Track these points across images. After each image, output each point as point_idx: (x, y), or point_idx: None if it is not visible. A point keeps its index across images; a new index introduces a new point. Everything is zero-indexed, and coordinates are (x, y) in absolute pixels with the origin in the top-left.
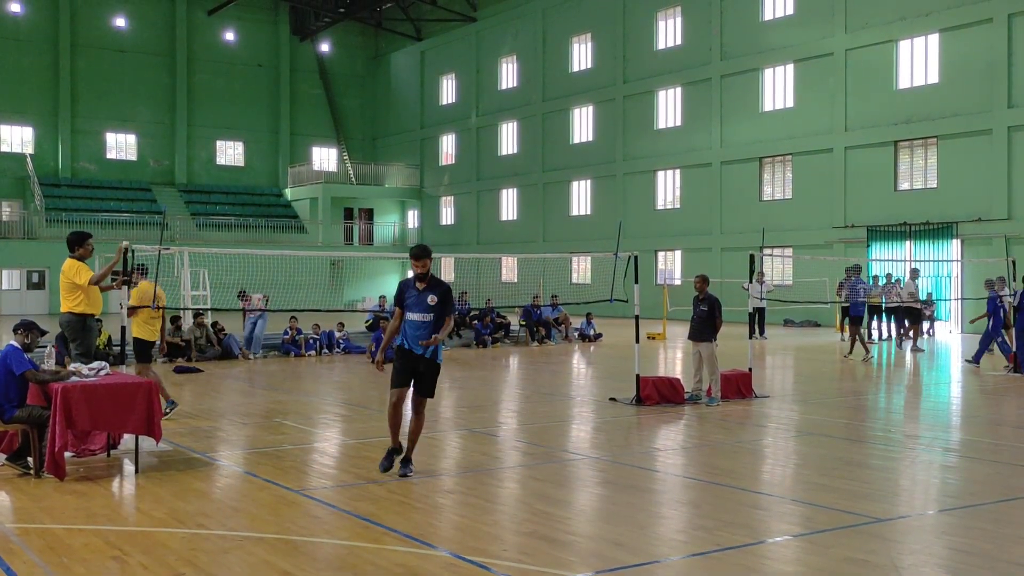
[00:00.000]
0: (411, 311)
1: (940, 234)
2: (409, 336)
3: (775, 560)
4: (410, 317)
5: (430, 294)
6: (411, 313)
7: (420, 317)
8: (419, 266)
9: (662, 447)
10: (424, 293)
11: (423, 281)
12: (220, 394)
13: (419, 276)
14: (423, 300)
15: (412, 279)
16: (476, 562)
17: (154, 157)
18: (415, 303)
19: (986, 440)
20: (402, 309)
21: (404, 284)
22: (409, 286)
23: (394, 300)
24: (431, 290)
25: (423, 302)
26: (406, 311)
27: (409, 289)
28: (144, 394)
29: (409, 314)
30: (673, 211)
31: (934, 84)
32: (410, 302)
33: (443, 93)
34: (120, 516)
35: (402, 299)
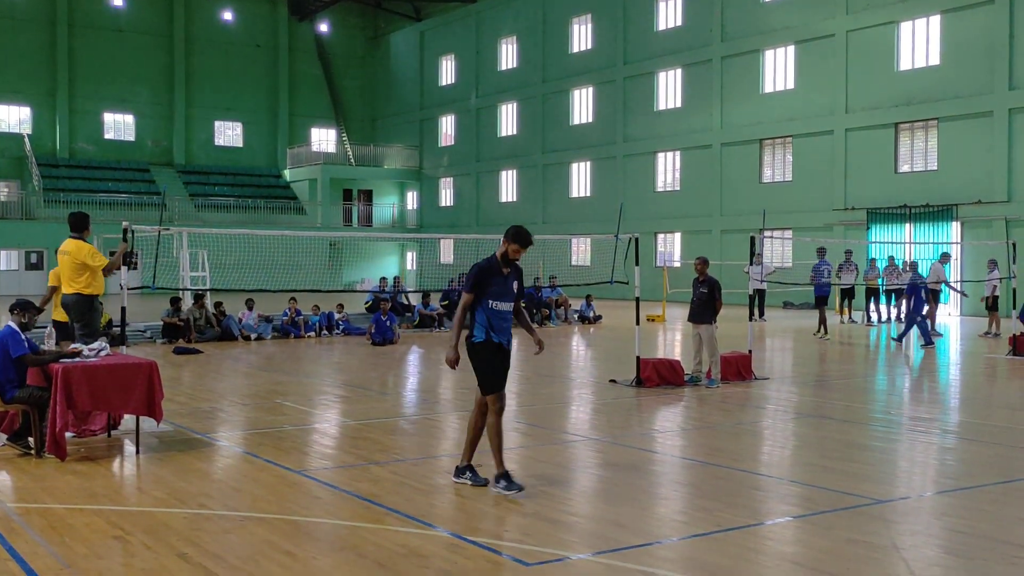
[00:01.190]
0: (500, 300)
1: (940, 216)
2: (498, 329)
3: (776, 541)
4: (498, 307)
5: (514, 280)
6: (499, 303)
7: (508, 306)
8: (522, 252)
9: (662, 429)
10: (510, 279)
11: (508, 266)
12: (220, 375)
13: (510, 260)
14: (510, 287)
15: (495, 263)
16: (477, 542)
17: (152, 138)
18: (504, 291)
19: (985, 422)
20: (479, 298)
21: (487, 269)
22: (494, 271)
23: (469, 286)
24: (515, 275)
25: (510, 289)
26: (490, 300)
27: (495, 275)
28: (145, 375)
29: (497, 303)
30: (673, 193)
31: (935, 66)
32: (498, 290)
33: (443, 74)
34: (121, 496)
35: (485, 286)
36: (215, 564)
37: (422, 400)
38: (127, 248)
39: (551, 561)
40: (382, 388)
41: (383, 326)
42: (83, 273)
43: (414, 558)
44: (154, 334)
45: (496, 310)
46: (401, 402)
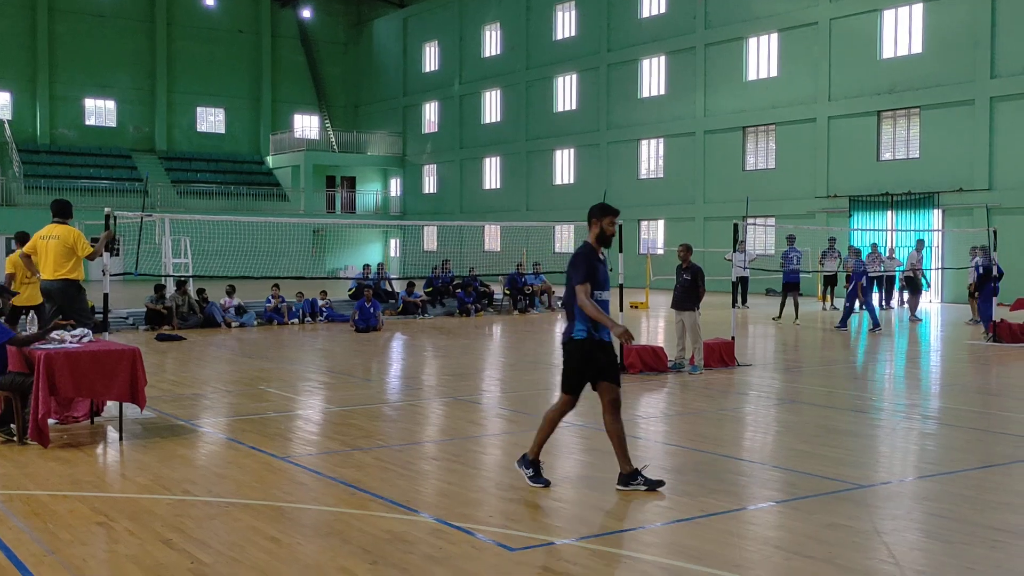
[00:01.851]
0: (603, 289)
1: (922, 204)
2: (598, 323)
3: (759, 525)
4: (602, 297)
5: (606, 265)
6: (603, 292)
7: (608, 295)
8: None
9: (645, 415)
10: (605, 265)
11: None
12: (203, 362)
13: (606, 241)
14: (606, 273)
15: (592, 249)
16: (461, 527)
17: (134, 124)
18: (605, 278)
19: (966, 408)
20: (593, 287)
21: (591, 254)
22: (596, 257)
23: (583, 276)
24: (604, 260)
25: (607, 276)
26: (596, 290)
27: (599, 262)
28: (128, 361)
29: (601, 293)
30: (656, 180)
31: (917, 54)
32: (603, 277)
33: (426, 61)
34: (105, 483)
35: (596, 275)
36: (199, 550)
37: (406, 386)
38: (111, 235)
39: (536, 546)
40: (366, 375)
41: (366, 313)
42: (70, 259)
43: (399, 543)
44: (137, 321)
45: (601, 300)
46: (385, 388)
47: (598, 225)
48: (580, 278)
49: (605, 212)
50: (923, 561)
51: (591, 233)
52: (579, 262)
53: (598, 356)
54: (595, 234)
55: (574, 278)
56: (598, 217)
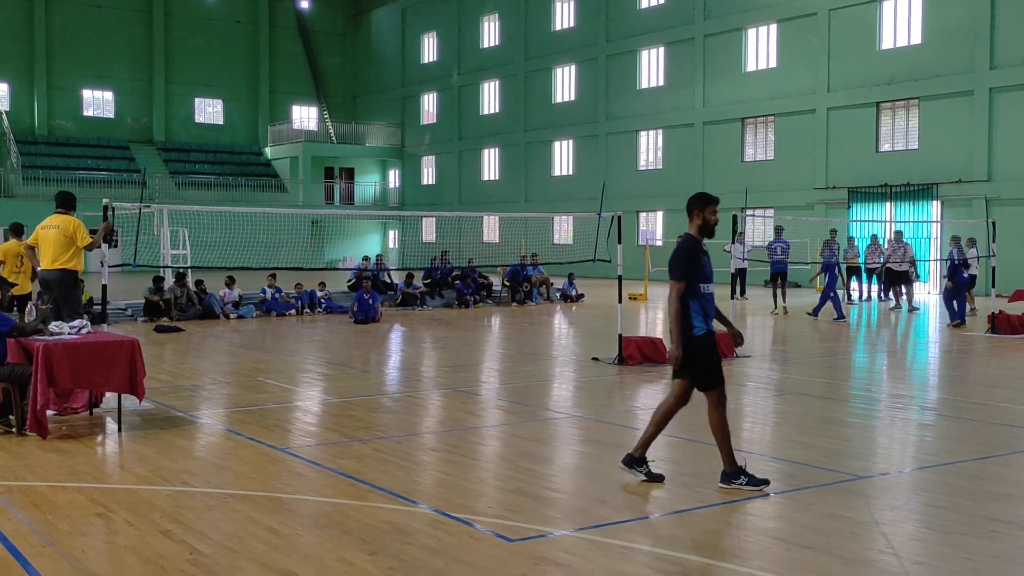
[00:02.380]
0: (708, 282)
1: (920, 195)
2: (710, 315)
3: (757, 516)
4: (708, 290)
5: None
6: (709, 285)
7: (713, 288)
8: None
9: (644, 406)
10: (708, 256)
11: None
12: (202, 353)
13: (710, 232)
14: (711, 265)
15: (696, 241)
16: (460, 518)
17: (132, 115)
18: (710, 271)
19: (964, 399)
20: (691, 283)
21: (694, 247)
22: (699, 251)
23: (680, 273)
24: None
25: (711, 268)
26: (700, 284)
27: (701, 255)
28: (127, 352)
29: (707, 287)
30: (655, 171)
31: (917, 45)
32: (708, 271)
33: (424, 51)
34: (104, 474)
35: (696, 267)
36: (198, 541)
37: (404, 378)
38: (110, 226)
39: (534, 537)
40: (364, 366)
41: (365, 304)
42: (69, 249)
43: (397, 534)
44: (135, 312)
45: (707, 294)
46: (383, 380)
47: (700, 216)
48: (677, 275)
49: (707, 201)
50: (921, 551)
51: (693, 225)
52: (679, 257)
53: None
54: (697, 225)
55: (671, 274)
56: (700, 207)
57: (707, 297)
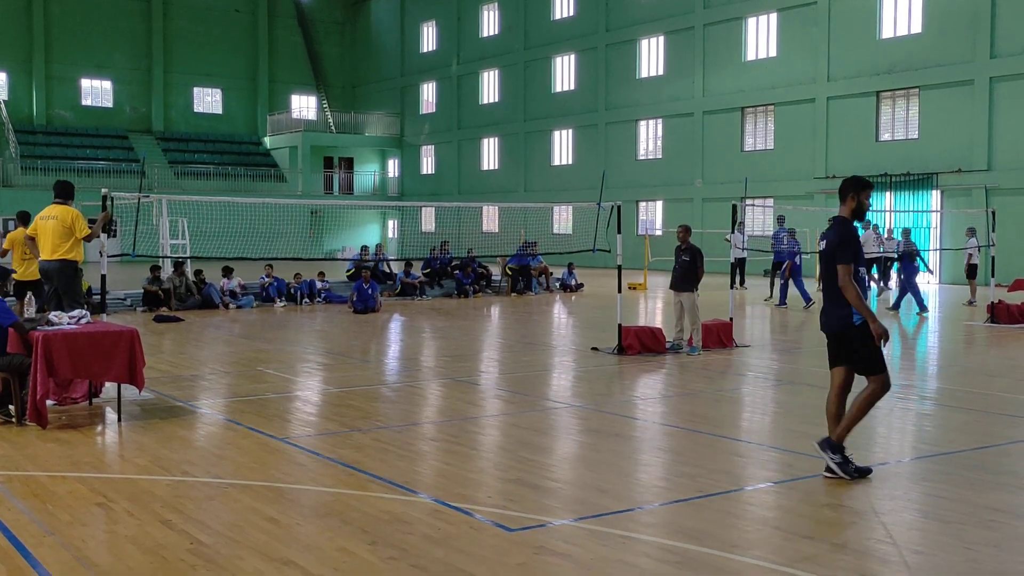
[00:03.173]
0: (862, 265)
1: (920, 185)
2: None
3: (757, 506)
4: (862, 274)
5: None
6: (861, 268)
7: (864, 272)
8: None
9: (644, 396)
10: None
11: None
12: (201, 343)
13: (861, 215)
14: None
15: (850, 222)
16: (460, 508)
17: (131, 104)
18: (862, 253)
19: (963, 389)
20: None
21: (855, 233)
22: (856, 235)
23: (850, 256)
24: None
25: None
26: (858, 268)
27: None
28: (126, 342)
29: (861, 270)
30: (655, 161)
31: (917, 34)
32: (862, 255)
33: (424, 40)
34: (104, 464)
35: (859, 251)
36: (199, 530)
37: (404, 368)
38: (109, 216)
39: (533, 527)
40: (364, 356)
41: (364, 294)
42: (68, 239)
43: (397, 524)
44: (134, 302)
45: (861, 278)
46: (383, 370)
47: (855, 199)
48: (848, 258)
49: (864, 185)
50: (920, 540)
51: (847, 207)
52: (847, 240)
53: None
54: (852, 208)
55: (840, 257)
56: (855, 191)
57: (862, 282)
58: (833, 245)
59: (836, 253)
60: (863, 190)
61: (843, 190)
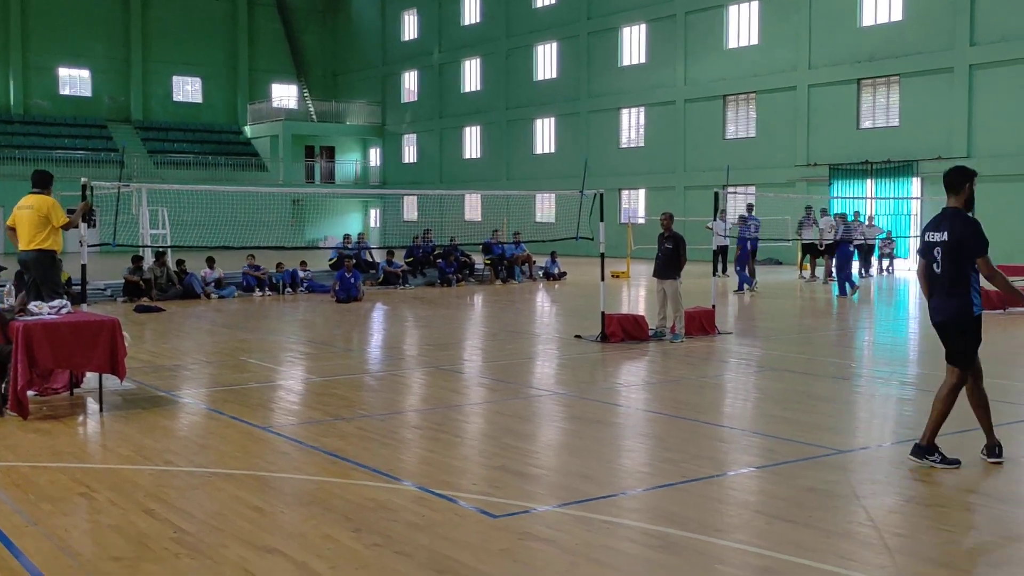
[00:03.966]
0: None
1: (901, 172)
2: None
3: (739, 491)
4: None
5: None
6: None
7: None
8: None
9: (627, 383)
10: None
11: None
12: (183, 333)
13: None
14: None
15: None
16: (444, 495)
17: (109, 93)
18: None
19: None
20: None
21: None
22: None
23: (985, 245)
24: None
25: None
26: None
27: None
28: (108, 332)
29: None
30: (637, 149)
31: (897, 22)
32: None
33: (405, 29)
34: (86, 454)
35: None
36: (182, 520)
37: (387, 356)
38: (88, 206)
39: (517, 513)
40: (347, 345)
41: (347, 283)
42: (44, 229)
43: (381, 511)
44: (115, 292)
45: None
46: (366, 358)
47: (969, 188)
48: (986, 247)
49: (974, 174)
50: (901, 524)
51: (960, 198)
52: (979, 232)
53: None
54: (965, 198)
55: (978, 249)
56: (970, 180)
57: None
58: (966, 238)
59: (972, 246)
60: (974, 178)
61: (957, 181)
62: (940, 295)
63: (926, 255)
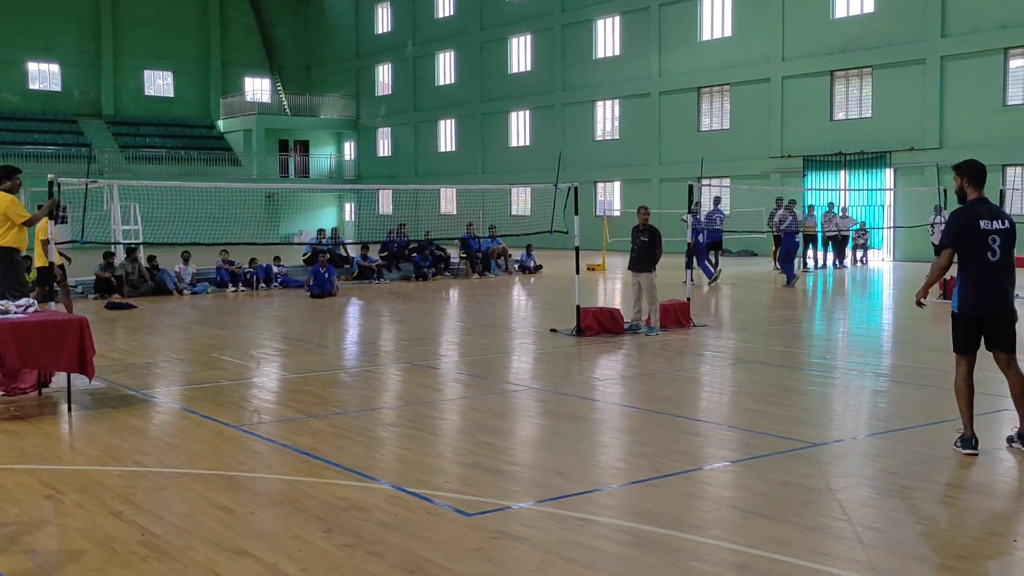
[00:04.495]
0: None
1: (874, 163)
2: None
3: (714, 485)
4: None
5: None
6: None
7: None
8: None
9: (602, 377)
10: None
11: None
12: (154, 330)
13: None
14: None
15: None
16: (418, 494)
17: (79, 88)
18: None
19: (916, 365)
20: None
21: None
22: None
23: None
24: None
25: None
26: None
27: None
28: (75, 331)
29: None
30: (612, 142)
31: (869, 14)
32: None
33: (379, 21)
34: (53, 455)
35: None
36: (151, 522)
37: (362, 352)
38: (55, 203)
39: (492, 511)
40: (321, 341)
41: (321, 278)
42: (4, 224)
43: (354, 511)
44: (86, 289)
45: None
46: (341, 355)
47: None
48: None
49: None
50: (875, 517)
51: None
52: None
53: None
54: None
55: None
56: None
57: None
58: None
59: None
60: None
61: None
62: (1000, 284)
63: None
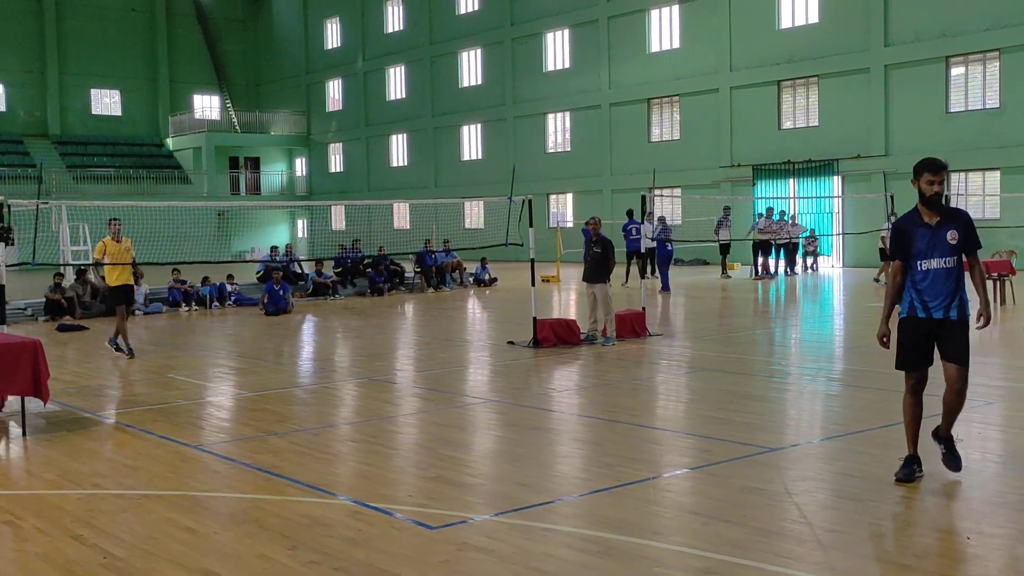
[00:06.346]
0: (926, 258)
1: (822, 171)
2: (925, 293)
3: (675, 492)
4: (925, 266)
5: (950, 228)
6: (926, 261)
7: (941, 264)
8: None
9: (561, 388)
10: (942, 229)
11: (936, 211)
12: (108, 351)
13: (934, 201)
14: (942, 238)
15: (914, 215)
16: (380, 508)
17: (25, 108)
18: (930, 246)
19: (868, 369)
20: (906, 259)
21: (907, 224)
22: (915, 224)
23: (894, 250)
24: (950, 222)
25: (942, 241)
26: (915, 260)
27: (917, 228)
28: (29, 354)
29: (923, 263)
30: (564, 154)
31: (814, 24)
32: (923, 246)
33: (328, 37)
34: (9, 480)
35: (909, 245)
36: (112, 544)
37: (319, 369)
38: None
39: (455, 524)
40: (277, 358)
41: (276, 296)
42: None
43: (317, 527)
44: (36, 312)
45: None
46: (297, 372)
47: (916, 184)
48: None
49: (922, 169)
50: (834, 519)
51: None
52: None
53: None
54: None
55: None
56: (916, 176)
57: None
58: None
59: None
60: (922, 174)
61: None
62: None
63: None
